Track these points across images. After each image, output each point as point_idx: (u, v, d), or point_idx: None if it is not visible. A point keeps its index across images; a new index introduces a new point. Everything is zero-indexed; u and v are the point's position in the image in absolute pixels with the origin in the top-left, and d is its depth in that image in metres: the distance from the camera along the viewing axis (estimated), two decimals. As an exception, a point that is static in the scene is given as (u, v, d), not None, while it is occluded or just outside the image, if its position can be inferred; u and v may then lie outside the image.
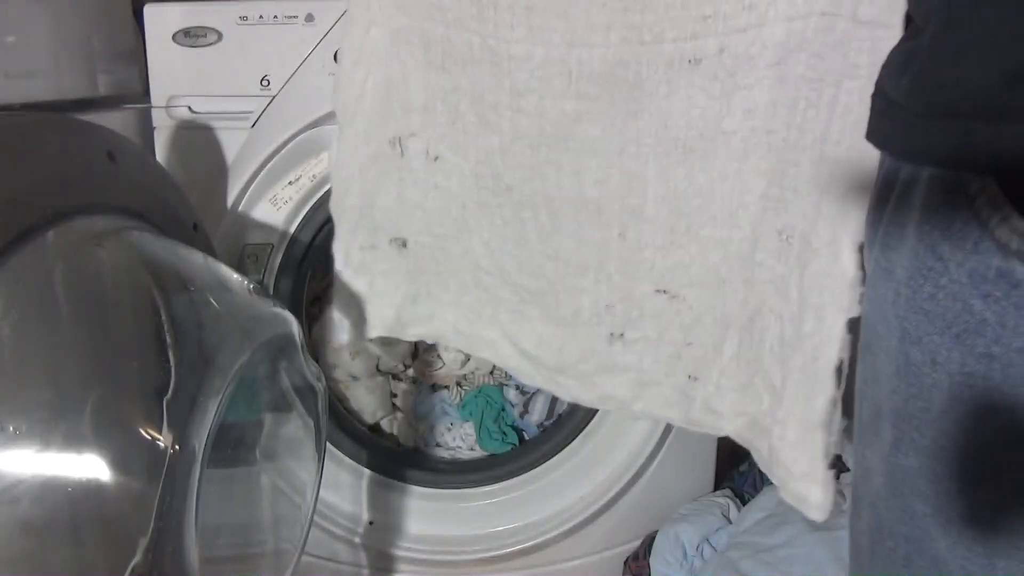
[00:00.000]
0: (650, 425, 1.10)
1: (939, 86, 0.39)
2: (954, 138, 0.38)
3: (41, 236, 0.59)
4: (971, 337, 0.38)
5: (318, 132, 1.00)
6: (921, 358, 0.41)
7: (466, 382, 1.34)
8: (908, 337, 0.42)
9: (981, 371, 0.38)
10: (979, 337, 0.38)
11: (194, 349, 0.67)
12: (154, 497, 0.57)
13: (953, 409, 0.40)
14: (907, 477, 0.43)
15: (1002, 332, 0.37)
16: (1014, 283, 0.36)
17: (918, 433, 0.42)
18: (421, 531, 1.16)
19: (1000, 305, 0.37)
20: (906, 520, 0.44)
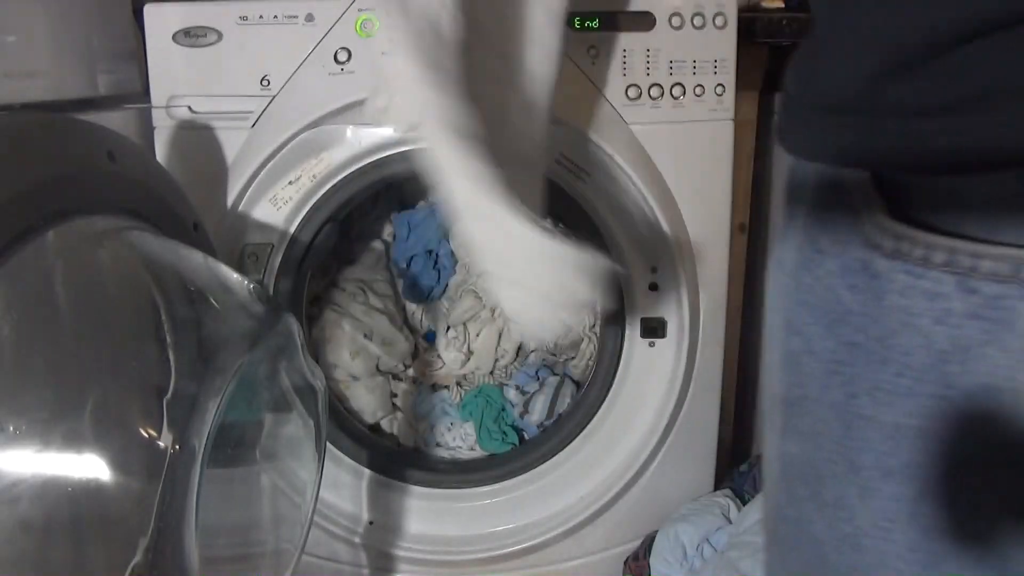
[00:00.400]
0: (650, 425, 1.10)
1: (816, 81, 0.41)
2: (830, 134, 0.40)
3: (41, 236, 0.59)
4: (839, 326, 0.40)
5: (318, 132, 1.00)
6: (800, 347, 0.43)
7: (466, 382, 1.34)
8: (790, 327, 0.44)
9: (846, 359, 0.40)
10: (846, 326, 0.40)
11: (194, 349, 0.67)
12: (154, 497, 0.57)
13: (824, 396, 0.41)
14: (792, 462, 0.45)
15: (864, 321, 0.39)
16: (873, 274, 0.38)
17: (799, 419, 0.44)
18: (421, 531, 1.16)
19: (863, 295, 0.39)
20: (793, 504, 0.46)
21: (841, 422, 0.41)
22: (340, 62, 0.98)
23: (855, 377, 0.40)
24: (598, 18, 0.99)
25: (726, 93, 1.02)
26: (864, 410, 0.39)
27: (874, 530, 0.40)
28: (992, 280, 0.34)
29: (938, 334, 0.36)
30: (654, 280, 1.06)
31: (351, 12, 0.98)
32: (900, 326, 0.37)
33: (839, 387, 0.41)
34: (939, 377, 0.36)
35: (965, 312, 0.35)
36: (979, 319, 0.35)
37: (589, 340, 1.30)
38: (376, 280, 1.30)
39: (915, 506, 0.38)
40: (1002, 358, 0.34)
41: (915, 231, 0.37)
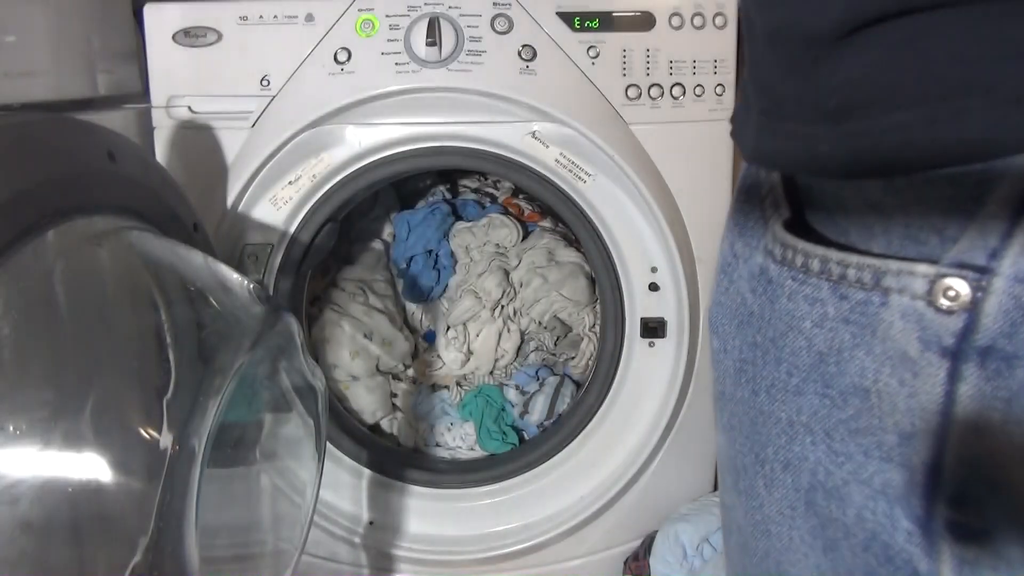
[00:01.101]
0: (650, 425, 1.10)
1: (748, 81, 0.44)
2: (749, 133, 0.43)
3: (41, 236, 0.59)
4: (745, 327, 0.43)
5: (318, 132, 1.00)
6: (718, 345, 0.46)
7: (466, 382, 1.34)
8: (711, 326, 0.47)
9: (750, 358, 0.43)
10: (749, 327, 0.43)
11: (194, 349, 0.67)
12: (154, 497, 0.57)
13: (735, 393, 0.45)
14: (720, 454, 0.49)
15: (762, 323, 0.41)
16: (769, 279, 0.41)
17: (721, 413, 0.47)
18: (421, 531, 1.16)
19: (761, 299, 0.41)
20: (724, 492, 0.49)
21: (748, 417, 0.44)
22: (340, 62, 0.98)
23: (756, 375, 0.42)
24: (598, 18, 0.99)
25: (726, 93, 1.02)
26: (764, 406, 0.42)
27: (779, 517, 0.43)
28: (858, 287, 0.36)
29: (817, 336, 0.38)
30: (654, 280, 1.06)
31: (351, 12, 0.98)
32: (788, 328, 0.40)
33: (745, 384, 0.43)
34: (820, 377, 0.38)
35: (838, 317, 0.37)
36: (849, 323, 0.36)
37: (589, 340, 1.30)
38: (376, 280, 1.31)
39: (810, 496, 0.40)
40: (868, 361, 0.36)
41: (797, 240, 0.39)
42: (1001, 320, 0.31)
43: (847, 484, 0.38)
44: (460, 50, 0.98)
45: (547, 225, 1.35)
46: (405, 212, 1.35)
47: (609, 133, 1.00)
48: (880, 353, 0.35)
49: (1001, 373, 0.32)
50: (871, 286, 0.35)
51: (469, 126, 1.01)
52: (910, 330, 0.34)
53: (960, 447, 0.33)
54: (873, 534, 0.38)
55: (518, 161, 1.03)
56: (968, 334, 0.32)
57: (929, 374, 0.33)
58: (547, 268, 1.27)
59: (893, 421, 0.35)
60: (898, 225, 0.35)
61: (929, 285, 0.33)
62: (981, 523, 0.34)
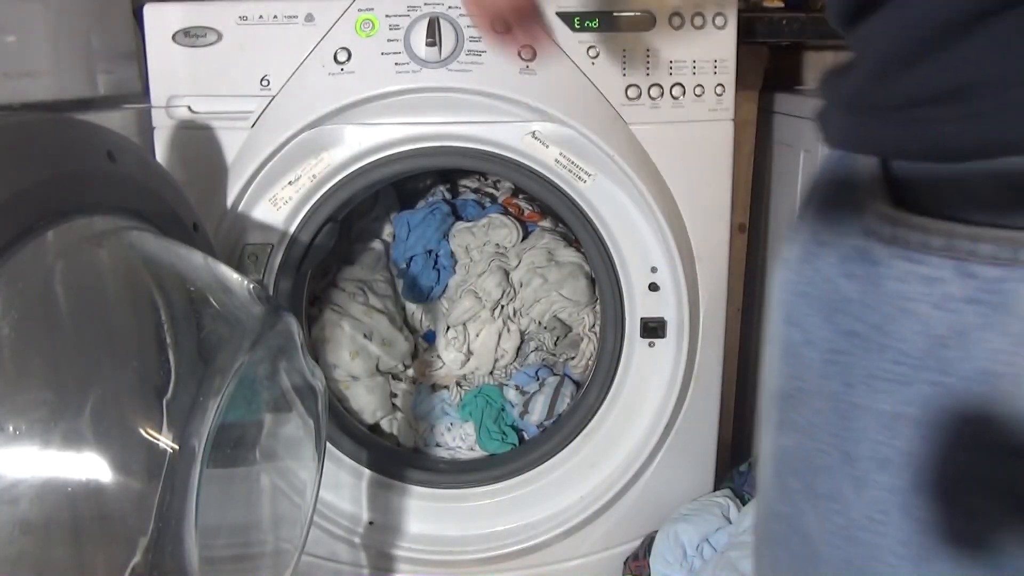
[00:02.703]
0: (650, 425, 1.10)
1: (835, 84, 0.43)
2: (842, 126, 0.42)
3: (41, 236, 0.59)
4: (837, 316, 0.40)
5: (318, 132, 1.00)
6: (799, 338, 0.43)
7: (466, 382, 1.34)
8: (789, 319, 0.44)
9: (845, 347, 0.40)
10: (843, 315, 0.40)
11: (194, 349, 0.67)
12: (154, 497, 0.57)
13: (822, 387, 0.41)
14: (785, 456, 0.45)
15: (862, 310, 0.39)
16: (872, 262, 0.38)
17: (795, 412, 0.44)
18: (421, 531, 1.16)
19: (861, 283, 0.39)
20: (784, 499, 0.45)
21: (837, 412, 0.41)
22: (340, 62, 0.98)
23: (852, 366, 0.40)
24: (598, 18, 0.99)
25: (726, 93, 1.02)
26: (860, 399, 0.39)
27: (867, 522, 0.40)
28: (991, 264, 0.34)
29: (936, 319, 0.36)
30: (654, 280, 1.06)
31: (351, 12, 0.98)
32: (898, 312, 0.37)
33: (836, 377, 0.40)
34: (937, 363, 0.36)
35: (963, 297, 0.35)
36: (977, 303, 0.34)
37: (589, 340, 1.30)
38: (376, 280, 1.31)
39: (909, 498, 0.38)
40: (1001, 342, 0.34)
41: (913, 216, 0.37)
42: None
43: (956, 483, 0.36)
44: (460, 50, 0.98)
45: (547, 225, 1.35)
46: (405, 212, 1.35)
47: (609, 133, 1.00)
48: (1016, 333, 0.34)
49: None
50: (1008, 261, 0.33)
51: (469, 126, 1.01)
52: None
53: None
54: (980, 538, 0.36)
55: (518, 161, 1.03)
56: None
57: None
58: (547, 268, 1.27)
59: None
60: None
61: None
62: None
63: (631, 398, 1.11)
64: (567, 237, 1.31)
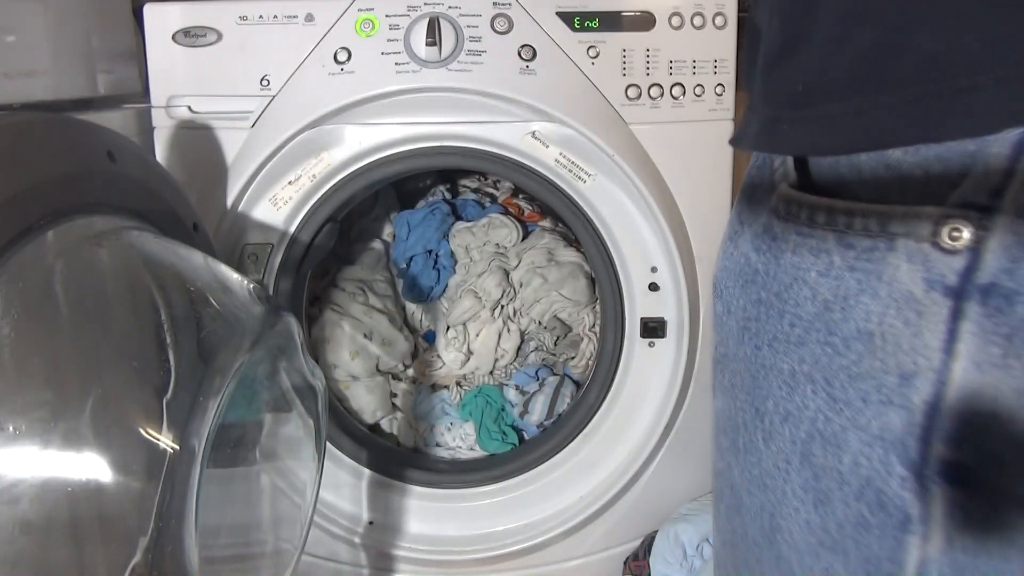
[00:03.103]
0: (650, 425, 1.10)
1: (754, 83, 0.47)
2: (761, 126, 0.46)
3: (41, 235, 0.59)
4: (749, 286, 0.45)
5: (318, 132, 1.00)
6: (721, 308, 0.48)
7: (466, 382, 1.34)
8: (716, 291, 0.49)
9: (754, 314, 0.45)
10: (753, 285, 0.45)
11: (194, 349, 0.67)
12: (154, 497, 0.57)
13: (738, 351, 0.46)
14: (718, 417, 0.50)
15: (767, 279, 0.43)
16: (773, 236, 0.43)
17: (721, 376, 0.49)
18: (421, 531, 1.16)
19: (765, 256, 0.44)
20: (718, 457, 0.51)
21: (749, 373, 0.45)
22: (340, 62, 0.98)
23: (760, 331, 0.44)
24: (598, 18, 0.99)
25: (726, 93, 1.02)
26: (766, 359, 0.44)
27: (775, 471, 0.44)
28: (863, 235, 0.38)
29: (822, 285, 0.40)
30: (654, 280, 1.06)
31: (351, 12, 0.98)
32: (792, 280, 0.42)
33: (748, 341, 0.45)
34: (824, 325, 0.40)
35: (844, 265, 0.39)
36: (855, 271, 0.38)
37: (589, 340, 1.30)
38: (376, 280, 1.31)
39: (807, 446, 0.42)
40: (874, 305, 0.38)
41: (803, 195, 0.41)
42: (1002, 257, 0.33)
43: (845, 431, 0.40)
44: (460, 50, 0.98)
45: (547, 225, 1.35)
46: (405, 212, 1.35)
47: (609, 133, 1.00)
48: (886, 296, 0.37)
49: (1002, 310, 0.33)
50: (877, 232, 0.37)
51: (469, 126, 1.01)
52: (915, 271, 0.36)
53: (961, 383, 0.35)
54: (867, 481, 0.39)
55: (518, 161, 1.03)
56: (971, 272, 0.34)
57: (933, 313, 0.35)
58: (547, 268, 1.27)
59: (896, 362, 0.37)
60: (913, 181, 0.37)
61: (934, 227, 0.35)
62: (977, 460, 0.35)
63: (631, 398, 1.11)
64: (567, 237, 1.31)
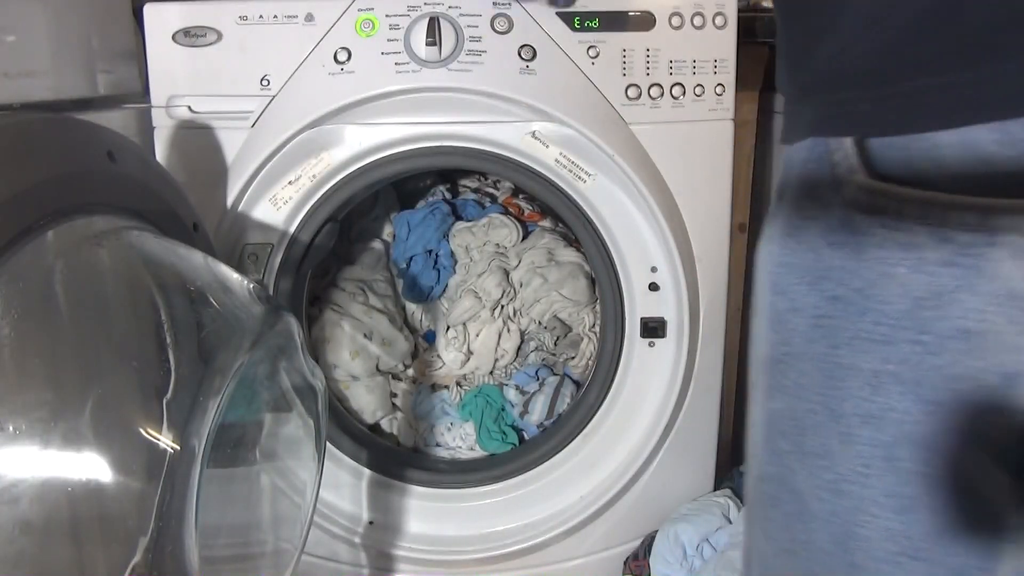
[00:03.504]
0: (650, 425, 1.10)
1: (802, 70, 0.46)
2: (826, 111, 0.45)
3: (41, 235, 0.59)
4: (822, 282, 0.43)
5: (318, 132, 1.00)
6: (784, 306, 0.46)
7: (466, 382, 1.34)
8: (775, 288, 0.47)
9: (829, 311, 0.43)
10: (828, 282, 0.43)
11: (194, 349, 0.67)
12: (154, 497, 0.57)
13: (808, 350, 0.44)
14: (774, 419, 0.48)
15: (845, 275, 0.41)
16: (853, 230, 0.41)
17: (783, 376, 0.47)
18: (421, 531, 1.16)
19: (843, 251, 0.42)
20: (774, 461, 0.48)
21: (823, 373, 0.43)
22: (340, 62, 0.98)
23: (837, 328, 0.42)
24: (598, 18, 0.99)
25: (726, 93, 1.02)
26: (844, 359, 0.42)
27: (853, 475, 0.42)
28: (964, 229, 0.36)
29: (914, 282, 0.38)
30: (654, 280, 1.06)
31: (351, 12, 0.98)
32: (878, 276, 0.40)
33: (822, 339, 0.43)
34: (915, 323, 0.39)
35: (939, 260, 0.37)
36: (952, 266, 0.37)
37: (589, 340, 1.30)
38: (376, 280, 1.31)
39: (891, 450, 0.40)
40: (974, 302, 0.37)
41: (890, 187, 0.39)
42: None
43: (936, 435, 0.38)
44: (460, 50, 0.98)
45: (547, 225, 1.35)
46: (405, 212, 1.35)
47: (609, 133, 1.00)
48: (986, 292, 0.36)
49: None
50: (976, 227, 0.36)
51: (469, 126, 1.01)
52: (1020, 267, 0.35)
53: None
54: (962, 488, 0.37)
55: (518, 161, 1.03)
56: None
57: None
58: (547, 268, 1.27)
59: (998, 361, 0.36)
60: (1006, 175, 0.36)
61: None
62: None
63: (631, 398, 1.11)
64: (567, 237, 1.31)
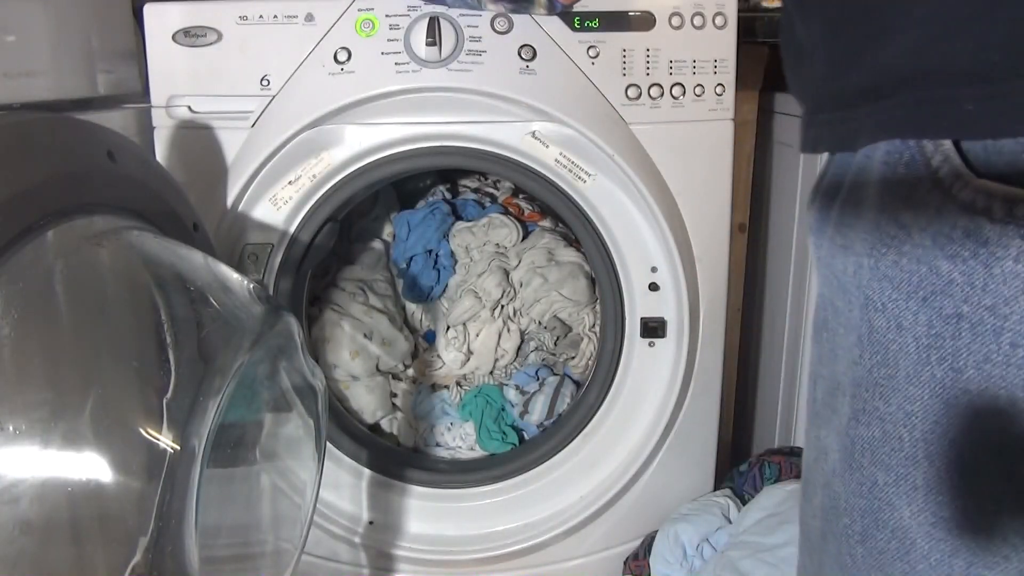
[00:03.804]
0: (650, 425, 1.10)
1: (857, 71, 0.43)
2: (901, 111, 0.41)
3: (41, 235, 0.59)
4: (938, 299, 0.39)
5: (318, 132, 1.00)
6: (886, 324, 0.41)
7: (466, 382, 1.34)
8: (872, 304, 0.42)
9: (950, 332, 0.39)
10: (947, 298, 0.38)
11: (194, 349, 0.67)
12: (154, 497, 0.57)
13: (919, 373, 0.40)
14: (867, 448, 0.43)
15: (971, 291, 0.38)
16: (982, 241, 0.37)
17: (882, 401, 0.42)
18: (421, 531, 1.16)
19: (968, 264, 0.37)
20: (864, 493, 0.44)
21: (941, 399, 0.39)
22: (340, 62, 0.98)
23: (958, 351, 0.38)
24: (598, 18, 0.99)
25: (726, 93, 1.02)
26: (972, 384, 0.38)
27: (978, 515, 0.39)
28: None
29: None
30: (654, 280, 1.06)
31: (351, 12, 0.98)
32: (1018, 292, 0.36)
33: (939, 363, 0.39)
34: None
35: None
36: None
37: (589, 340, 1.30)
38: (376, 280, 1.31)
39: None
40: None
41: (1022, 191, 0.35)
42: None
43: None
44: (460, 50, 0.98)
45: (547, 225, 1.35)
46: (405, 212, 1.35)
47: (609, 133, 1.00)
48: None
49: None
50: None
51: (469, 126, 1.01)
52: None
53: None
54: None
55: (518, 161, 1.03)
56: None
57: None
58: (547, 268, 1.27)
59: None
60: None
61: None
62: None
63: (631, 398, 1.11)
64: (567, 237, 1.31)
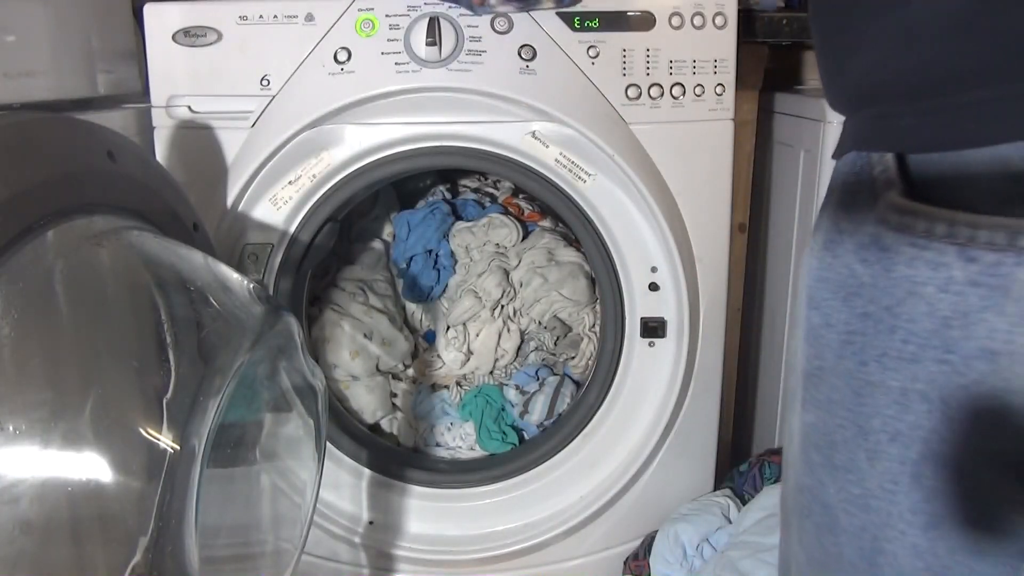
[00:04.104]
0: (650, 425, 1.10)
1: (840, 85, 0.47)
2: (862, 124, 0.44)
3: (41, 235, 0.59)
4: (853, 298, 0.43)
5: (318, 132, 1.00)
6: (819, 320, 0.46)
7: (466, 382, 1.34)
8: (812, 303, 0.47)
9: (860, 328, 0.43)
10: (859, 298, 0.43)
11: (194, 349, 0.67)
12: (154, 497, 0.57)
13: (838, 365, 0.44)
14: (809, 431, 0.48)
15: (875, 292, 0.41)
16: (883, 248, 0.41)
17: (816, 390, 0.47)
18: (421, 531, 1.16)
19: (873, 268, 0.41)
20: (808, 472, 0.48)
21: (852, 389, 0.43)
22: (340, 62, 0.98)
23: (866, 345, 0.42)
24: (598, 18, 0.99)
25: (726, 93, 1.02)
26: (873, 376, 0.42)
27: (880, 492, 0.43)
28: (990, 249, 0.36)
29: (941, 301, 0.38)
30: (654, 280, 1.06)
31: (351, 12, 0.98)
32: (906, 295, 0.40)
33: (851, 356, 0.43)
34: (941, 343, 0.39)
35: (966, 280, 0.37)
36: (978, 286, 0.37)
37: (589, 340, 1.30)
38: (376, 280, 1.31)
39: (918, 468, 0.40)
40: (999, 322, 0.37)
41: (920, 205, 0.39)
42: None
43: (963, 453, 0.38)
44: (460, 50, 0.98)
45: (547, 225, 1.35)
46: (405, 212, 1.35)
47: (609, 133, 1.00)
48: (1013, 313, 0.36)
49: None
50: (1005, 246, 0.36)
51: (469, 126, 1.01)
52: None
53: None
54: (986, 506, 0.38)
55: (518, 161, 1.03)
56: None
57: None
58: (547, 268, 1.27)
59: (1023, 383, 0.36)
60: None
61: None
62: None
63: (631, 398, 1.11)
64: (567, 237, 1.31)
